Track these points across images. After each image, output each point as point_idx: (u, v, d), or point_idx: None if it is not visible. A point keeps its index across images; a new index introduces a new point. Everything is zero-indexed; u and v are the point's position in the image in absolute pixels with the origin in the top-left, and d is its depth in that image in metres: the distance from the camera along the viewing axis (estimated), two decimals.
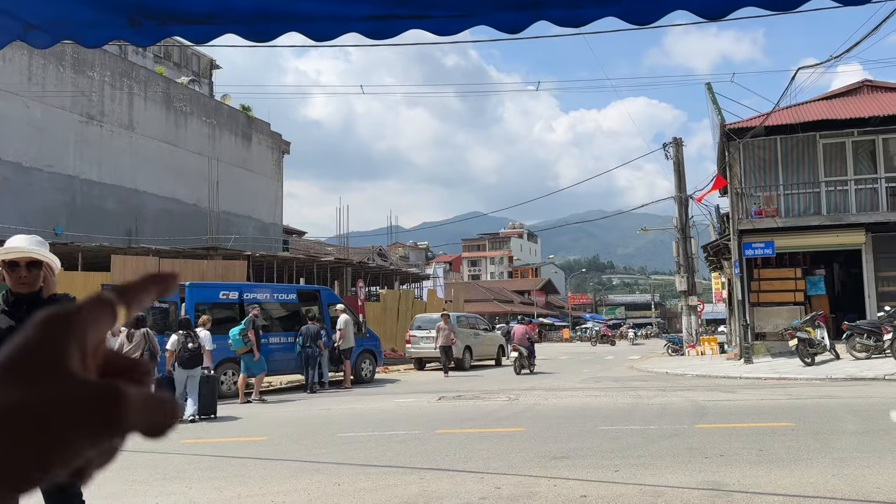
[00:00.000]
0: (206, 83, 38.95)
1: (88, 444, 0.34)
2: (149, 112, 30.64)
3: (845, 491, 5.45)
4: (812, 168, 21.30)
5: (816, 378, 14.64)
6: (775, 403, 11.00)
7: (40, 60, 25.86)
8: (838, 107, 22.05)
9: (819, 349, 17.03)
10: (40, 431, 0.33)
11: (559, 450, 7.49)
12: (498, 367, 23.23)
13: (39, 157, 25.66)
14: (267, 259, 26.98)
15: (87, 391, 0.34)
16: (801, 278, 21.82)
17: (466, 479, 6.24)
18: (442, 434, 8.90)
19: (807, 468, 6.25)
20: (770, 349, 20.39)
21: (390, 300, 29.88)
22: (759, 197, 21.28)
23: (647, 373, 19.02)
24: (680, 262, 26.85)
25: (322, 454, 7.71)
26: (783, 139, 21.35)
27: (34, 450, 0.33)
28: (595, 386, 15.23)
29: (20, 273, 3.18)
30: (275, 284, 21.48)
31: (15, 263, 3.21)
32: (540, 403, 11.99)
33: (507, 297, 75.65)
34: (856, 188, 20.85)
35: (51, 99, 26.07)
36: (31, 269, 3.20)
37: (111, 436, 0.34)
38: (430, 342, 21.70)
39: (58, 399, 0.33)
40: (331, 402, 13.61)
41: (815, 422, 8.84)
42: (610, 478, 6.12)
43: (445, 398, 13.25)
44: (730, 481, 5.86)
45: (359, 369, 17.76)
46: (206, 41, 3.06)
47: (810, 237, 20.69)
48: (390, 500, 5.56)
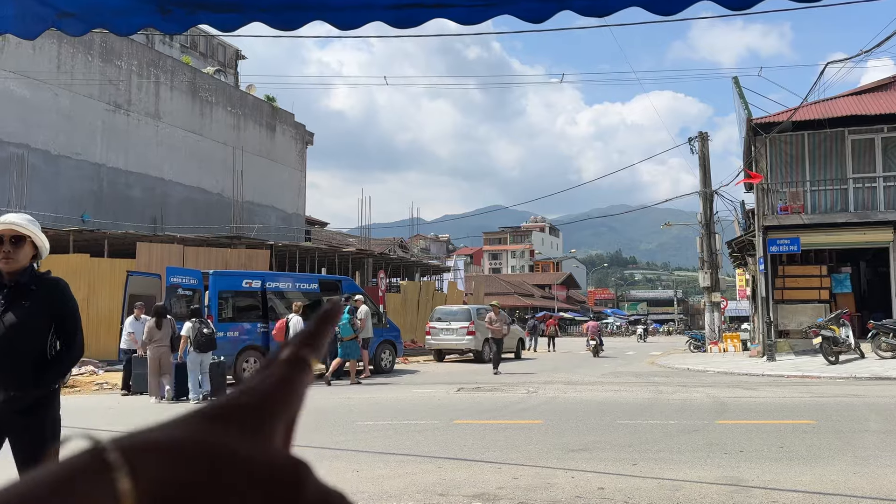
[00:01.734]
0: (232, 73, 39.24)
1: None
2: (175, 101, 30.95)
3: (866, 489, 5.41)
4: (840, 164, 20.99)
5: (840, 377, 14.47)
6: (798, 401, 10.90)
7: (69, 49, 26.22)
8: (868, 102, 21.68)
9: (843, 348, 16.82)
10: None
11: (577, 442, 7.50)
12: (517, 359, 23.24)
13: (67, 145, 26.05)
14: (289, 249, 27.20)
15: (279, 476, 0.33)
16: (826, 276, 21.55)
17: (484, 469, 6.28)
18: (460, 424, 8.95)
19: (827, 466, 6.20)
20: (794, 347, 20.18)
21: (411, 292, 29.99)
22: (785, 193, 21.02)
23: (669, 369, 18.92)
24: (704, 257, 26.61)
25: (341, 441, 7.79)
26: (811, 135, 21.05)
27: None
28: (615, 381, 15.19)
29: (4, 248, 3.08)
30: (297, 274, 21.65)
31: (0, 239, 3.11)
32: (559, 396, 11.99)
33: (527, 291, 75.50)
34: (885, 185, 20.52)
35: (79, 87, 26.43)
36: (16, 245, 3.09)
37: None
38: (451, 334, 21.76)
39: (253, 480, 0.33)
40: (351, 391, 13.72)
41: (837, 420, 8.75)
42: (628, 471, 6.12)
43: (464, 389, 13.30)
44: (749, 477, 5.83)
45: (379, 359, 17.85)
46: (233, 30, 3.10)
47: (837, 234, 20.41)
48: (408, 487, 5.61)
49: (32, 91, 24.89)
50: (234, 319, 15.90)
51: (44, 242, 3.21)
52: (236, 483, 0.32)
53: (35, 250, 3.20)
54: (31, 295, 3.16)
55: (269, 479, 0.33)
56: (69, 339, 3.28)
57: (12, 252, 3.08)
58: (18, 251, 3.10)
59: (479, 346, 21.61)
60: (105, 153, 27.53)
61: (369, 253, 31.24)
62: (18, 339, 3.11)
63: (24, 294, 3.15)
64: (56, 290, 3.27)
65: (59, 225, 22.69)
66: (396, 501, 5.18)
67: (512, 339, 24.02)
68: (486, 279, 70.07)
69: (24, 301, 3.14)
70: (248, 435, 0.34)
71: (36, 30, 2.45)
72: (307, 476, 0.34)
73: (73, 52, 26.40)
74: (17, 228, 3.07)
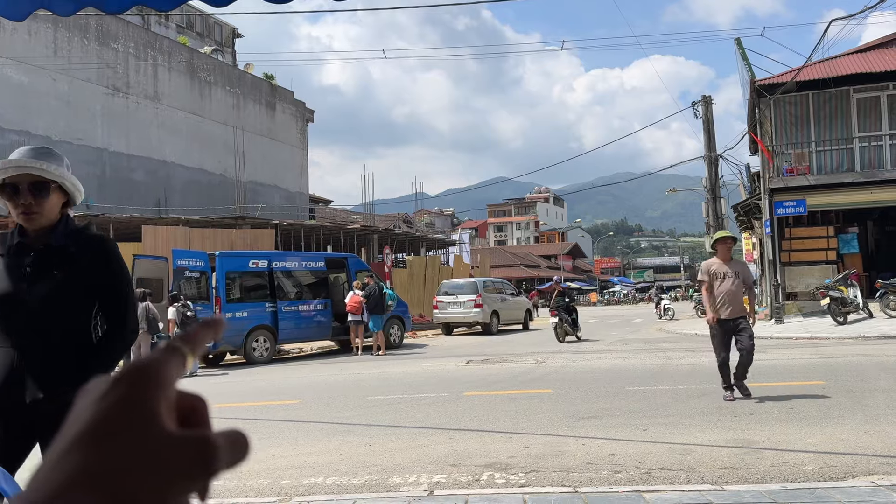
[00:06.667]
0: (229, 52, 38.95)
1: (190, 493, 0.36)
2: (173, 83, 30.78)
3: (877, 447, 5.42)
4: (845, 123, 20.78)
5: (849, 337, 14.47)
6: (807, 362, 10.91)
7: (65, 34, 26.04)
8: (873, 59, 21.39)
9: (852, 308, 16.79)
10: (152, 489, 0.34)
11: (587, 410, 7.52)
12: (525, 330, 23.30)
13: (68, 130, 25.98)
14: (294, 228, 27.20)
15: (185, 445, 0.36)
16: (833, 237, 21.46)
17: (495, 439, 6.31)
18: (470, 396, 8.99)
19: (838, 425, 6.21)
20: (801, 309, 20.16)
21: (417, 266, 30.01)
22: (790, 154, 20.85)
23: (677, 334, 18.95)
24: (710, 222, 26.50)
25: (353, 416, 7.84)
26: (815, 94, 20.81)
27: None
28: (623, 348, 15.22)
29: (22, 199, 2.28)
30: (303, 253, 21.67)
31: (15, 188, 2.27)
32: (568, 366, 12.03)
33: (533, 262, 75.52)
34: (891, 143, 20.32)
35: (77, 72, 26.28)
36: (39, 194, 2.30)
37: (208, 482, 0.37)
38: (458, 307, 21.81)
39: (162, 455, 0.35)
40: (361, 366, 13.79)
41: (846, 380, 8.75)
42: (638, 437, 6.14)
43: (473, 362, 13.35)
44: (759, 439, 5.85)
45: (387, 335, 17.93)
46: (225, 5, 3.05)
47: (843, 195, 20.27)
48: (420, 459, 5.65)
49: (30, 77, 24.77)
50: (242, 300, 15.96)
51: (76, 185, 2.41)
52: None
53: (66, 197, 2.40)
54: (67, 259, 2.36)
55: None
56: (118, 317, 2.45)
57: (35, 204, 2.29)
58: (43, 202, 2.30)
59: (486, 318, 21.66)
60: (106, 137, 27.46)
61: (374, 229, 31.22)
62: (51, 318, 2.33)
63: (57, 259, 2.36)
64: (101, 253, 2.43)
65: None
66: (409, 473, 5.21)
67: (519, 311, 24.08)
68: (492, 252, 70.08)
69: (58, 268, 2.35)
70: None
71: (24, 10, 2.41)
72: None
73: (68, 36, 26.22)
74: (37, 172, 2.26)
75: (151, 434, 0.35)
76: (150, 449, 0.35)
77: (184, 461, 0.35)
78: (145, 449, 0.35)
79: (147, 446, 0.35)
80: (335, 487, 4.96)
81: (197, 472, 0.36)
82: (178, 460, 0.35)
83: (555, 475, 5.00)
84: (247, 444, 0.39)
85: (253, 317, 15.77)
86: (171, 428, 0.37)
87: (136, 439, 0.35)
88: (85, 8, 2.62)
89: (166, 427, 0.36)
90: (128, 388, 0.37)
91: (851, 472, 4.78)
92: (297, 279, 17.44)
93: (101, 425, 0.35)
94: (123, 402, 0.36)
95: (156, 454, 0.35)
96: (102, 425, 0.35)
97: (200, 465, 0.36)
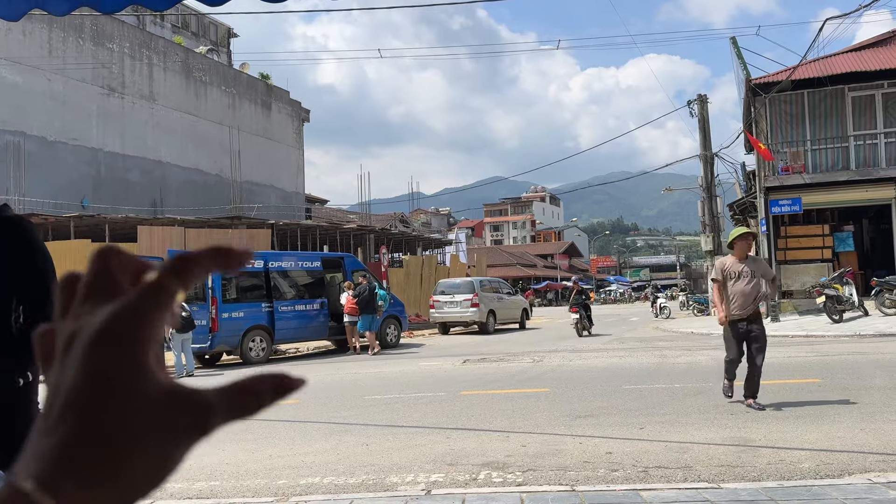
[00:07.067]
0: (225, 52, 38.89)
1: (190, 447, 0.34)
2: (169, 83, 30.72)
3: (873, 445, 5.43)
4: (840, 122, 20.83)
5: (844, 335, 14.50)
6: (802, 361, 10.93)
7: (60, 34, 25.97)
8: (867, 58, 21.44)
9: (847, 306, 16.83)
10: (154, 446, 0.33)
11: (584, 409, 7.53)
12: (522, 329, 23.30)
13: (63, 130, 25.91)
14: (290, 227, 27.18)
15: (182, 398, 0.34)
16: (828, 235, 21.51)
17: (492, 438, 6.31)
18: (467, 395, 8.99)
19: (834, 423, 6.23)
20: (797, 307, 20.21)
21: (413, 266, 30.00)
22: (785, 153, 20.90)
23: (673, 333, 18.97)
24: (705, 221, 26.55)
25: (350, 416, 7.83)
26: (810, 93, 20.86)
27: (147, 466, 0.33)
28: (620, 347, 15.24)
29: None
30: (299, 252, 21.64)
31: None
32: (564, 364, 12.04)
33: (530, 262, 75.53)
34: (886, 142, 20.38)
35: (72, 72, 26.21)
36: None
37: (200, 440, 0.34)
38: (454, 306, 21.79)
39: (160, 411, 0.33)
40: (358, 366, 13.78)
41: (842, 378, 8.78)
42: (635, 435, 6.15)
43: (470, 361, 13.35)
44: (756, 437, 5.86)
45: (384, 334, 17.91)
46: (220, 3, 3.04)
47: (838, 193, 20.32)
48: (417, 458, 5.64)
49: (25, 77, 24.69)
50: (239, 300, 15.91)
51: None
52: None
53: None
54: None
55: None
56: (38, 308, 1.99)
57: None
58: None
59: (483, 317, 21.65)
60: (101, 137, 27.39)
61: (370, 229, 31.20)
62: None
63: None
64: (15, 235, 2.01)
65: (59, 211, 22.67)
66: (407, 473, 5.21)
67: (516, 310, 24.08)
68: (489, 251, 70.08)
69: None
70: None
71: (19, 10, 2.40)
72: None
73: (63, 36, 26.14)
74: None
75: (147, 393, 0.33)
76: (146, 410, 0.33)
77: (181, 421, 0.33)
78: (141, 411, 0.33)
79: (143, 407, 0.33)
80: (332, 487, 4.95)
81: (193, 432, 0.34)
82: (175, 420, 0.33)
83: (552, 474, 5.01)
84: (261, 395, 0.36)
85: (249, 317, 15.73)
86: (165, 380, 0.34)
87: (130, 400, 0.33)
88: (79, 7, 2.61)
89: (160, 380, 0.34)
90: (116, 342, 0.33)
91: (848, 470, 4.79)
92: (294, 279, 17.40)
93: (93, 385, 0.33)
94: (113, 358, 0.33)
95: (152, 416, 0.33)
96: (94, 385, 0.33)
97: (197, 425, 0.34)
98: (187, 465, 2.50)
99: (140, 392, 0.33)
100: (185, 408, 0.34)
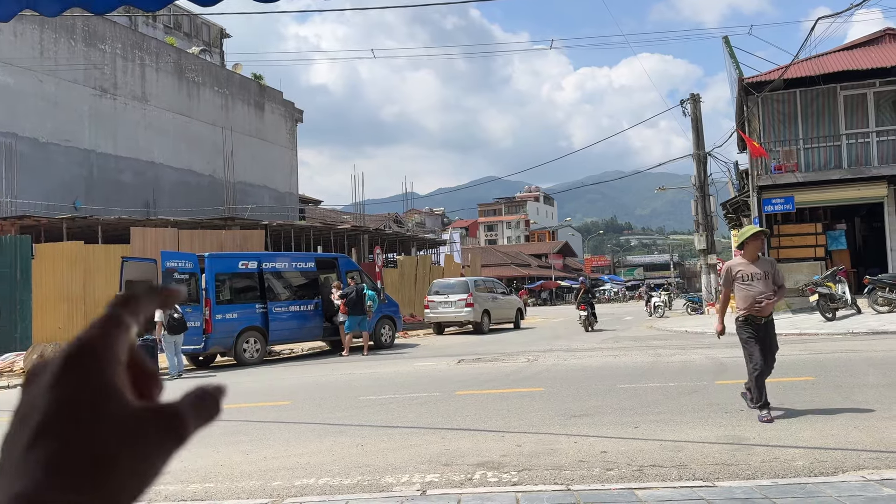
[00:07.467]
0: (217, 53, 38.77)
1: (166, 463, 0.36)
2: (161, 84, 30.61)
3: (867, 442, 5.45)
4: (832, 121, 20.91)
5: (837, 333, 14.56)
6: (796, 359, 10.97)
7: (52, 34, 25.85)
8: (859, 57, 21.54)
9: (840, 304, 16.90)
10: (130, 467, 0.34)
11: (579, 408, 7.54)
12: (516, 329, 23.32)
13: (55, 132, 25.79)
14: (284, 228, 27.11)
15: (153, 417, 0.35)
16: (821, 233, 21.59)
17: (487, 438, 6.31)
18: (462, 395, 8.98)
19: (828, 421, 6.25)
20: (790, 305, 20.27)
21: (408, 266, 29.98)
22: (778, 152, 20.97)
23: (667, 332, 19.01)
24: (699, 220, 26.63)
25: (344, 416, 7.82)
26: (803, 92, 20.93)
27: (127, 481, 0.34)
28: (614, 346, 15.26)
29: None
30: (293, 253, 21.59)
31: None
32: (559, 364, 12.05)
33: (524, 261, 75.58)
34: (878, 140, 20.47)
35: (63, 73, 26.10)
36: None
37: (178, 448, 0.36)
38: (449, 306, 21.80)
39: (133, 432, 0.34)
40: (353, 366, 13.76)
41: (836, 376, 8.81)
42: (630, 434, 6.16)
43: (465, 361, 13.35)
44: (750, 435, 5.87)
45: (379, 335, 17.89)
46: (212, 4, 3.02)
47: (831, 191, 20.40)
48: (413, 459, 5.64)
49: (16, 78, 24.57)
50: (233, 301, 15.87)
51: None
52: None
53: None
54: None
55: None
56: None
57: None
58: None
59: (477, 317, 21.66)
60: (94, 139, 27.27)
61: (364, 229, 31.16)
62: None
63: None
64: None
65: (51, 213, 22.56)
66: (402, 473, 5.21)
67: (510, 310, 24.10)
68: (483, 251, 70.10)
69: None
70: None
71: (9, 11, 2.38)
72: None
73: (55, 37, 26.02)
74: None
75: (118, 412, 0.34)
76: (119, 428, 0.34)
77: (155, 434, 0.35)
78: (115, 429, 0.34)
79: (116, 426, 0.34)
80: (327, 488, 4.94)
81: (169, 442, 0.35)
82: (150, 434, 0.35)
83: (547, 473, 5.01)
84: (215, 398, 0.38)
85: (243, 318, 15.70)
86: (135, 402, 0.36)
87: (103, 420, 0.34)
88: (71, 8, 2.60)
89: (130, 402, 0.35)
90: (81, 369, 0.35)
91: (841, 468, 4.81)
92: (288, 280, 17.37)
93: (63, 412, 0.33)
94: (80, 383, 0.34)
95: (126, 432, 0.34)
96: (65, 411, 0.33)
97: (172, 434, 0.35)
98: (182, 468, 2.50)
99: (110, 412, 0.34)
100: (158, 421, 0.35)
